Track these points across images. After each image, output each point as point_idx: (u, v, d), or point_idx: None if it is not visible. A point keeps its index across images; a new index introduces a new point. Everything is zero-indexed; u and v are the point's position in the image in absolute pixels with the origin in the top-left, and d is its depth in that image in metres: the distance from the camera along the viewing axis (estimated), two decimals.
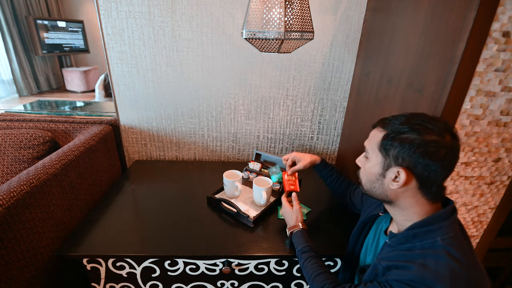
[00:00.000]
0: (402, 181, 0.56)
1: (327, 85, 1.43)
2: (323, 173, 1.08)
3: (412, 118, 0.57)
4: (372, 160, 0.62)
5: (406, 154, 0.54)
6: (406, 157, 0.55)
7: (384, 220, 0.75)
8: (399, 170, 0.56)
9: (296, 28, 0.83)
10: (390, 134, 0.57)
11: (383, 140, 0.58)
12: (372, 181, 0.63)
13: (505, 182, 0.90)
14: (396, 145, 0.56)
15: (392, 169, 0.58)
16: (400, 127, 0.56)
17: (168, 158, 1.57)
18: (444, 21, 0.75)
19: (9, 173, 1.23)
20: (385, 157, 0.58)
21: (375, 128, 0.63)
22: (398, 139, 0.56)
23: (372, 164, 0.62)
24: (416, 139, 0.53)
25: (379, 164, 0.60)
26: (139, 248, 0.91)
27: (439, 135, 0.53)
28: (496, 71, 0.73)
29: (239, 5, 1.24)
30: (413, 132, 0.54)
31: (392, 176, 0.58)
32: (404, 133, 0.55)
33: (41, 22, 4.97)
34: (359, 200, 0.97)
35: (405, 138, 0.55)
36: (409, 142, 0.54)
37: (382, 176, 0.60)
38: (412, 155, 0.54)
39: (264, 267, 0.96)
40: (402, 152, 0.55)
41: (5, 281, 0.74)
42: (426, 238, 0.56)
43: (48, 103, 2.21)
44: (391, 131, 0.58)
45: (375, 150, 0.61)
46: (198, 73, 1.37)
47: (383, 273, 0.59)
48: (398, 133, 0.56)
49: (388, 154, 0.58)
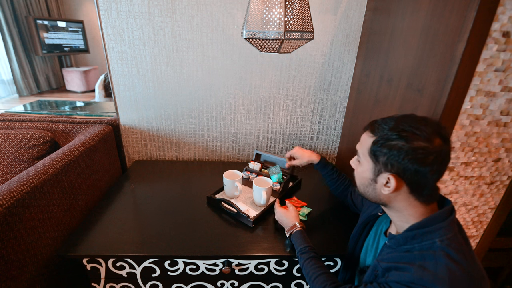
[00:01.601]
0: (392, 187, 0.57)
1: (327, 85, 1.43)
2: (323, 172, 1.09)
3: (401, 123, 0.57)
4: (364, 165, 0.63)
5: (395, 161, 0.55)
6: (395, 164, 0.55)
7: (384, 221, 0.76)
8: (389, 176, 0.57)
9: (296, 28, 0.83)
10: (379, 141, 0.57)
11: (373, 146, 0.59)
12: (365, 185, 0.63)
13: (505, 182, 0.90)
14: (385, 152, 0.56)
15: (382, 175, 0.58)
16: (389, 133, 0.56)
17: (168, 158, 1.57)
18: (444, 21, 0.75)
19: (9, 173, 1.23)
20: (375, 163, 0.59)
21: (366, 132, 0.63)
22: (386, 146, 0.56)
23: (364, 169, 0.63)
24: (404, 146, 0.54)
25: (370, 170, 0.61)
26: (139, 248, 0.91)
27: (427, 140, 0.53)
28: (496, 71, 0.73)
29: (239, 5, 1.24)
30: (401, 139, 0.54)
31: (383, 182, 0.58)
32: (392, 140, 0.55)
33: (41, 22, 4.97)
34: (360, 200, 0.97)
35: (393, 145, 0.55)
36: (397, 149, 0.54)
37: (373, 181, 0.61)
38: (401, 162, 0.54)
39: (264, 267, 0.96)
40: (391, 159, 0.55)
41: (5, 281, 0.74)
42: (424, 239, 0.56)
43: (48, 103, 2.21)
44: (380, 137, 0.58)
45: (366, 155, 0.61)
46: (198, 73, 1.37)
47: (383, 274, 0.59)
48: (386, 140, 0.56)
49: (378, 160, 0.58)
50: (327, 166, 1.08)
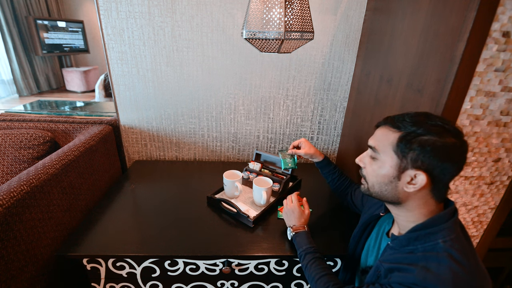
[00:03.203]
0: (420, 185, 0.55)
1: (327, 85, 1.43)
2: (325, 171, 1.09)
3: (426, 119, 0.56)
4: (385, 162, 0.59)
5: (427, 157, 0.53)
6: (426, 160, 0.53)
7: (386, 222, 0.75)
8: (416, 173, 0.55)
9: (296, 28, 0.83)
10: (407, 136, 0.55)
11: (400, 142, 0.56)
12: (384, 183, 0.60)
13: (505, 182, 0.90)
14: (415, 148, 0.54)
15: (408, 172, 0.56)
16: (416, 129, 0.55)
17: (168, 158, 1.57)
18: (444, 21, 0.75)
19: (9, 173, 1.23)
20: (402, 160, 0.56)
21: (384, 127, 0.61)
22: (417, 142, 0.54)
23: (384, 165, 0.59)
24: (437, 141, 0.52)
25: (394, 167, 0.58)
26: (139, 248, 0.91)
27: (456, 136, 0.53)
28: (496, 71, 0.73)
29: (239, 5, 1.24)
30: (433, 135, 0.53)
31: (408, 179, 0.56)
32: (423, 135, 0.54)
33: (41, 22, 4.98)
34: (360, 201, 0.97)
35: (425, 140, 0.53)
36: (430, 144, 0.53)
37: (396, 178, 0.58)
38: (432, 158, 0.53)
39: (264, 267, 0.96)
40: (422, 155, 0.53)
41: (5, 281, 0.74)
42: (427, 240, 0.56)
43: (48, 103, 2.21)
44: (407, 132, 0.56)
45: (388, 152, 0.58)
46: (198, 73, 1.36)
47: (386, 276, 0.59)
48: (416, 135, 0.54)
49: (405, 156, 0.56)
50: (329, 165, 1.08)
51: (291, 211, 0.94)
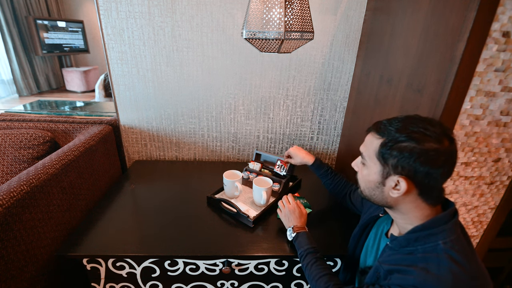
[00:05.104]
0: (403, 190, 0.55)
1: (327, 85, 1.43)
2: (318, 173, 1.09)
3: (408, 124, 0.55)
4: (370, 167, 0.60)
5: (406, 163, 0.53)
6: (406, 166, 0.54)
7: (385, 222, 0.75)
8: (399, 179, 0.55)
9: (296, 28, 0.83)
10: (388, 143, 0.56)
11: (381, 148, 0.57)
12: (371, 188, 0.62)
13: (505, 182, 0.90)
14: (395, 154, 0.54)
15: (391, 178, 0.57)
16: (397, 135, 0.55)
17: (168, 158, 1.57)
18: (444, 21, 0.75)
19: (9, 173, 1.23)
20: (384, 166, 0.57)
21: (370, 133, 0.61)
22: (396, 148, 0.54)
23: (370, 172, 0.61)
24: (416, 148, 0.52)
25: (378, 173, 0.59)
26: (139, 248, 0.91)
27: (437, 141, 0.52)
28: (496, 71, 0.73)
29: (239, 5, 1.24)
30: (411, 141, 0.53)
31: (392, 185, 0.57)
32: (402, 141, 0.54)
33: (41, 22, 4.97)
34: (359, 201, 0.96)
35: (404, 147, 0.53)
36: (408, 151, 0.53)
37: (381, 184, 0.59)
38: (412, 164, 0.53)
39: (264, 267, 0.96)
40: (401, 161, 0.54)
41: (5, 281, 0.74)
42: (427, 241, 0.56)
43: (48, 103, 2.21)
44: (388, 139, 0.56)
45: (372, 158, 0.59)
46: (198, 73, 1.36)
47: (385, 277, 0.59)
48: (396, 142, 0.55)
49: (386, 162, 0.56)
50: (321, 167, 1.08)
51: (291, 211, 0.94)
